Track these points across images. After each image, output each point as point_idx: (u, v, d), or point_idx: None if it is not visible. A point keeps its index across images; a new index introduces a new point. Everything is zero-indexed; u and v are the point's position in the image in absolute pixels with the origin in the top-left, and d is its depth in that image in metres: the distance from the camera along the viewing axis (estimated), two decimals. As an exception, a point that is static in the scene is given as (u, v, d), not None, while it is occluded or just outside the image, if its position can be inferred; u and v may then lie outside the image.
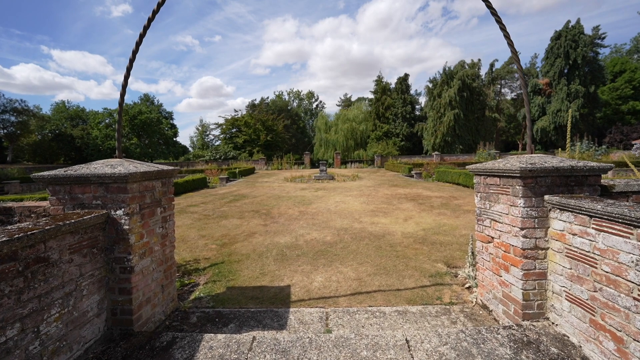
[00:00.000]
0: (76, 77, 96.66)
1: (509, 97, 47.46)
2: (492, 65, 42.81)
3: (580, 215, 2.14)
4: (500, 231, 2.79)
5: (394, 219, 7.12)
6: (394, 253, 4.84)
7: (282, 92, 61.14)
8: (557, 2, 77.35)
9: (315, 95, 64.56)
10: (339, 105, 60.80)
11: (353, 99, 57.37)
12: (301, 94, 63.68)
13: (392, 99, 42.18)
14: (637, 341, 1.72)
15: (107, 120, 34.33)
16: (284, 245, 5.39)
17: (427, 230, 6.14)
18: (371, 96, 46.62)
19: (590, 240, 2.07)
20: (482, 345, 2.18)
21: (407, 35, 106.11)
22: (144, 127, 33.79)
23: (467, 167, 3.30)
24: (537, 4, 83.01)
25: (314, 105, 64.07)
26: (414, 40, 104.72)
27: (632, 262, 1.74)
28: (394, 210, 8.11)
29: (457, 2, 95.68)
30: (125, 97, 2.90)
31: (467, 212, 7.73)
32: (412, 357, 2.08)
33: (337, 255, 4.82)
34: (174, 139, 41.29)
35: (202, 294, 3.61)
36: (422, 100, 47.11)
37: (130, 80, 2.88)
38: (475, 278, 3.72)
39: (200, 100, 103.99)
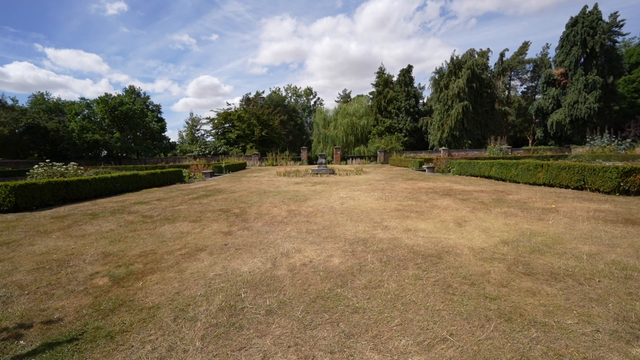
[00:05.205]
0: (72, 76, 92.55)
1: (519, 90, 44.88)
2: (502, 54, 40.02)
3: None
4: None
5: (440, 223, 4.38)
6: (494, 305, 2.10)
7: (279, 88, 58.01)
8: (556, 3, 75.10)
9: (313, 91, 61.51)
10: (337, 102, 57.68)
11: (352, 96, 54.48)
12: (299, 90, 60.65)
13: (394, 91, 39.43)
14: None
15: (85, 112, 31.36)
16: (246, 279, 2.64)
17: (512, 244, 3.41)
18: (372, 89, 43.93)
19: None
20: None
21: (406, 35, 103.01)
22: (126, 120, 30.72)
23: None
24: (536, 5, 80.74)
25: (312, 102, 61.05)
26: (413, 40, 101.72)
27: None
28: (431, 209, 5.36)
29: (456, 1, 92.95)
30: None
31: (550, 211, 4.97)
32: None
33: (358, 309, 2.08)
34: (162, 134, 38.17)
35: None
36: (426, 94, 44.47)
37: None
38: None
39: (197, 100, 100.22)
